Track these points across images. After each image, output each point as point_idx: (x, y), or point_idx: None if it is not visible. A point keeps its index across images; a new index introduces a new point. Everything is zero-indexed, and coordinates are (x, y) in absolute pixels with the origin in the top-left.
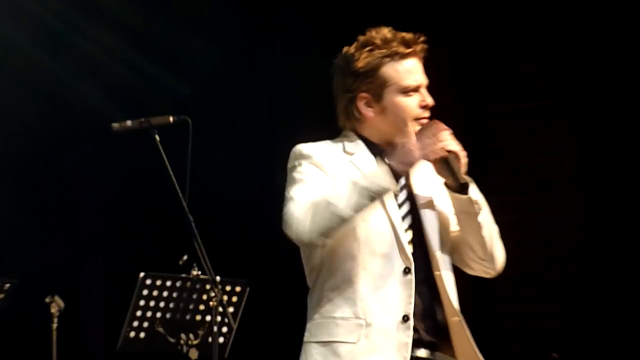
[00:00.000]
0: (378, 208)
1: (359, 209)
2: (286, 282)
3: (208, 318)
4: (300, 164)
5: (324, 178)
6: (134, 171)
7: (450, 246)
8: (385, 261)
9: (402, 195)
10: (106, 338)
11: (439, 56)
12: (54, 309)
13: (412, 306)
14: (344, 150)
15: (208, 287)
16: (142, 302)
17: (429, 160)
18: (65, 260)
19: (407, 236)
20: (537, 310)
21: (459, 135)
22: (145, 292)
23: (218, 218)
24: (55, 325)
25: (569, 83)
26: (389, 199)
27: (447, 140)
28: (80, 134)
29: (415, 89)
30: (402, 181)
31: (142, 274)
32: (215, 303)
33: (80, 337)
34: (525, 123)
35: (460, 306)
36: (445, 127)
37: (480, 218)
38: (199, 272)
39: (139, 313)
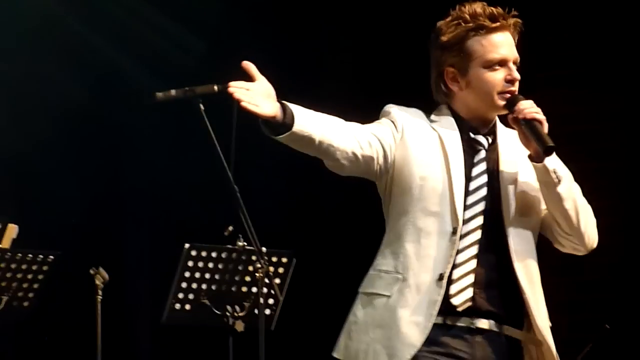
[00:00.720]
0: (440, 167)
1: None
2: (333, 253)
3: (254, 290)
4: (379, 119)
5: (386, 129)
6: (179, 141)
7: (538, 223)
8: (435, 220)
9: (482, 167)
10: (151, 310)
11: None
12: (98, 281)
13: (450, 266)
14: (429, 119)
15: (254, 258)
16: (187, 274)
17: (519, 121)
18: (110, 232)
19: (472, 200)
20: (588, 281)
21: None
22: (190, 263)
23: (264, 188)
24: (99, 298)
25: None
26: (456, 164)
27: (534, 107)
28: (122, 107)
29: (501, 63)
30: (482, 154)
31: (187, 245)
32: (261, 274)
33: (125, 309)
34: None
35: None
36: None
37: (560, 189)
38: (245, 243)
39: (184, 285)
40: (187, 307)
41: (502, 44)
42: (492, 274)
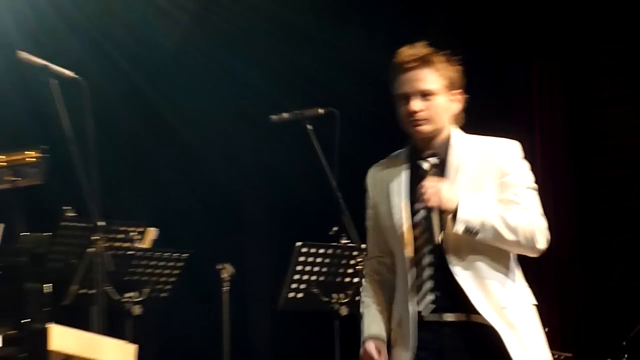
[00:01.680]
0: (389, 216)
1: None
2: None
3: (355, 280)
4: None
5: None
6: (292, 158)
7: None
8: (399, 258)
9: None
10: (269, 299)
11: (550, 56)
12: (225, 275)
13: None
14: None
15: (355, 253)
16: (299, 268)
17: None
18: (233, 234)
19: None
20: None
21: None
22: (301, 258)
23: (362, 194)
24: (226, 289)
25: None
26: (397, 207)
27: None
28: (240, 125)
29: (404, 97)
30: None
31: (298, 243)
32: (362, 267)
33: (246, 298)
34: (625, 108)
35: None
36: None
37: (480, 236)
38: (348, 241)
39: (296, 277)
40: (299, 295)
41: (405, 81)
42: (443, 279)
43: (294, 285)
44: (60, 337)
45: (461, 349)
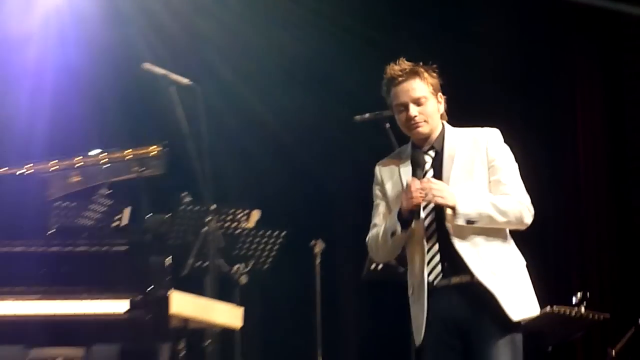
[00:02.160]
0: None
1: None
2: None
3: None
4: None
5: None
6: (372, 151)
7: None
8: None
9: (429, 173)
10: (354, 270)
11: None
12: (317, 249)
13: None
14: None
15: None
16: None
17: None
18: (324, 215)
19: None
20: None
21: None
22: None
23: None
24: (318, 261)
25: None
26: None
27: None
28: (328, 123)
29: (402, 107)
30: (428, 165)
31: None
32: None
33: (335, 269)
34: None
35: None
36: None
37: (477, 225)
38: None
39: None
40: (379, 267)
41: (400, 93)
42: (448, 252)
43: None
44: (179, 302)
45: (465, 305)
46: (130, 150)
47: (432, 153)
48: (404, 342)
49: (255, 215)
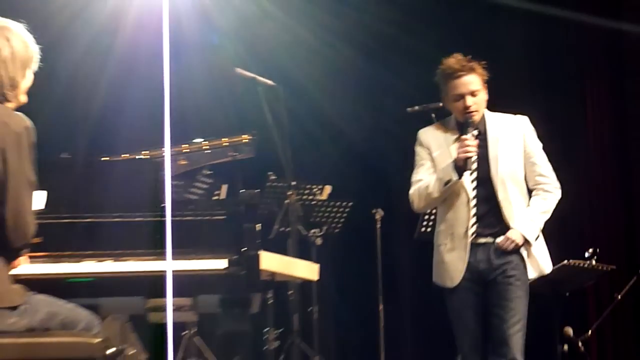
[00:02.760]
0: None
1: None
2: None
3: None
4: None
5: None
6: None
7: (518, 173)
8: (454, 194)
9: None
10: (408, 231)
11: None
12: (377, 216)
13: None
14: (444, 125)
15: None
16: (429, 210)
17: (462, 159)
18: (384, 188)
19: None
20: None
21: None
22: None
23: None
24: (379, 226)
25: None
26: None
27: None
28: (384, 116)
29: (461, 97)
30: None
31: None
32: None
33: (392, 231)
34: None
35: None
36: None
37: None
38: None
39: (426, 216)
40: (429, 229)
41: (458, 85)
42: (488, 204)
43: (424, 222)
44: (267, 260)
45: (495, 257)
46: (227, 138)
47: (475, 132)
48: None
49: (327, 189)
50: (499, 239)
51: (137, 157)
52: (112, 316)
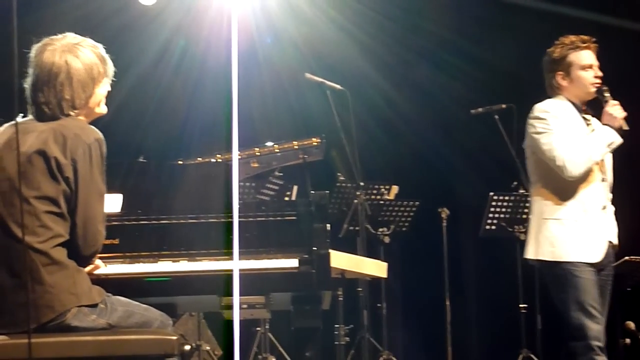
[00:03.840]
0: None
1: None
2: None
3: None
4: (547, 121)
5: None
6: (486, 138)
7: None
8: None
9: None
10: (473, 228)
11: None
12: (443, 215)
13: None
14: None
15: (527, 198)
16: (492, 209)
17: (615, 125)
18: (449, 190)
19: None
20: None
21: None
22: (493, 202)
23: None
24: (444, 225)
25: None
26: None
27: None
28: (447, 116)
29: (590, 67)
30: (591, 127)
31: (491, 193)
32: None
33: (456, 229)
34: None
35: None
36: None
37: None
38: (523, 191)
39: (490, 215)
40: (493, 227)
41: (589, 56)
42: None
43: (489, 220)
44: (337, 258)
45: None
46: (297, 141)
47: (588, 117)
48: (512, 282)
49: (395, 189)
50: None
51: (210, 160)
52: (188, 314)
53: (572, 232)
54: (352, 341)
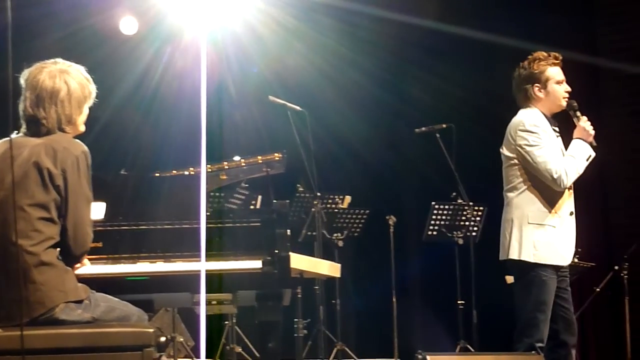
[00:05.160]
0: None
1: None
2: None
3: (466, 223)
4: (536, 134)
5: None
6: (426, 153)
7: None
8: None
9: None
10: (417, 234)
11: None
12: (390, 222)
13: None
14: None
15: (465, 208)
16: (434, 216)
17: (589, 140)
18: (395, 198)
19: None
20: None
21: None
22: (435, 211)
23: (465, 175)
24: (392, 230)
25: None
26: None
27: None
28: (394, 134)
29: (563, 82)
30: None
31: (433, 202)
32: (466, 217)
33: (404, 236)
34: None
35: None
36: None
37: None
38: (461, 201)
39: (432, 222)
40: (435, 232)
41: (560, 72)
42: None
43: (430, 227)
44: (296, 260)
45: None
46: (261, 156)
47: (556, 129)
48: (451, 281)
49: (348, 199)
50: None
51: (184, 172)
52: (164, 309)
53: (550, 238)
54: (309, 333)
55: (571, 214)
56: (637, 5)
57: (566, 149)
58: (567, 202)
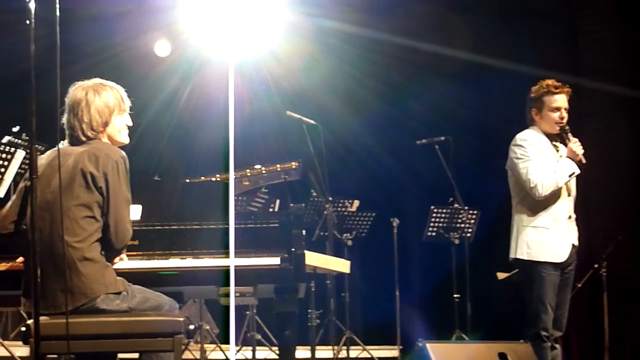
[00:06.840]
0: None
1: None
2: None
3: (461, 225)
4: (525, 148)
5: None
6: (426, 163)
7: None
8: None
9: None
10: (418, 234)
11: None
12: (394, 224)
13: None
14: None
15: (461, 212)
16: (432, 218)
17: (577, 159)
18: (398, 202)
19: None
20: None
21: None
22: (434, 214)
23: (462, 183)
24: (395, 231)
25: None
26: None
27: (579, 147)
28: (399, 145)
29: (558, 109)
30: (560, 152)
31: (432, 207)
32: (462, 220)
33: (406, 236)
34: None
35: None
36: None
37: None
38: (457, 205)
39: (431, 223)
40: (434, 233)
41: (561, 99)
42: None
43: (430, 228)
44: (310, 257)
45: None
46: (279, 165)
47: (557, 145)
48: (448, 277)
49: (356, 203)
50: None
51: (211, 179)
52: (192, 300)
53: (544, 238)
54: (321, 323)
55: (570, 218)
56: (614, 32)
57: None
58: (564, 207)
